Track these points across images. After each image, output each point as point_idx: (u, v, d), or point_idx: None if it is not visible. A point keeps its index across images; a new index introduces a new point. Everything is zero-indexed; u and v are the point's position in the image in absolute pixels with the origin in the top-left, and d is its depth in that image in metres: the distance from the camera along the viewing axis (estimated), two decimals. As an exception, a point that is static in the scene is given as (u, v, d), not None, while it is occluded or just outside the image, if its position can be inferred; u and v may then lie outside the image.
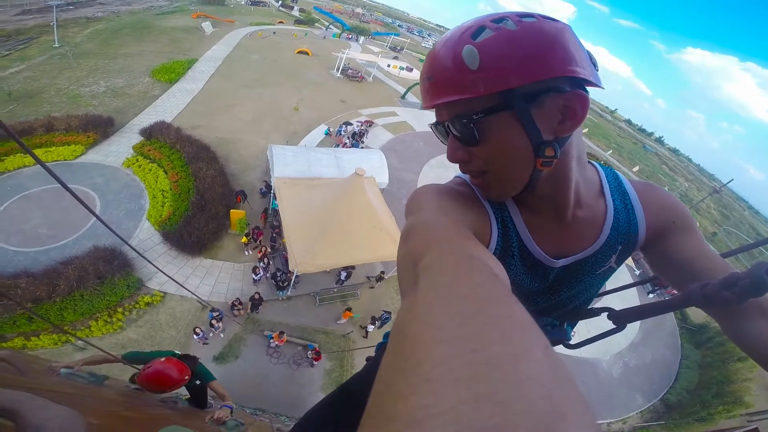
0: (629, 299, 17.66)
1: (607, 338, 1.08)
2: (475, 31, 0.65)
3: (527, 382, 0.21)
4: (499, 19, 0.65)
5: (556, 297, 0.96)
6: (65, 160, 13.61)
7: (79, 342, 8.83)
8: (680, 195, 55.80)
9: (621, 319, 0.93)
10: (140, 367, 2.82)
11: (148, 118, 17.54)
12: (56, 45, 24.83)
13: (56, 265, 9.66)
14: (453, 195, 0.78)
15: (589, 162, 0.86)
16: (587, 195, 0.83)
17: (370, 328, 11.58)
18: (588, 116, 0.71)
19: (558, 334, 1.06)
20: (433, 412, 0.19)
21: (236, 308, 10.48)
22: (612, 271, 0.94)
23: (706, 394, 15.48)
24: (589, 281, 0.94)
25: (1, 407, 0.94)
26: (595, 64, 0.70)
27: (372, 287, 12.99)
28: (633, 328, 16.93)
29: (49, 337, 8.84)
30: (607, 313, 0.98)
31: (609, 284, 1.04)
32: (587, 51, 0.70)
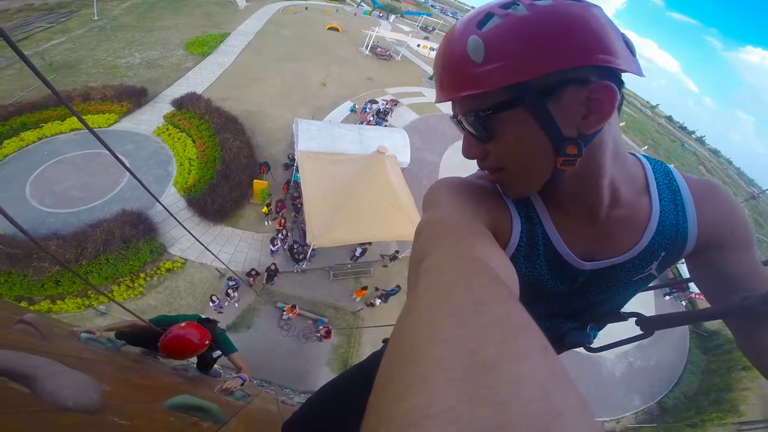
0: (645, 299, 17.00)
1: (615, 337, 1.06)
2: (482, 18, 0.58)
3: (525, 382, 0.20)
4: (509, 3, 0.58)
5: (584, 300, 0.87)
6: (99, 127, 13.94)
7: (101, 307, 9.20)
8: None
9: (650, 325, 0.90)
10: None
11: (179, 89, 17.78)
12: (95, 18, 25.27)
13: (85, 227, 9.98)
14: (471, 188, 0.73)
15: (631, 154, 0.77)
16: (627, 193, 0.72)
17: (377, 302, 11.62)
18: (625, 109, 0.48)
19: (580, 337, 0.97)
20: (430, 412, 0.19)
21: (251, 277, 10.63)
22: (652, 278, 0.84)
23: (704, 401, 15.33)
24: (623, 287, 0.84)
25: (19, 372, 0.93)
26: (632, 50, 0.61)
27: (385, 266, 12.91)
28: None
29: (74, 301, 9.15)
30: (635, 319, 0.94)
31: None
32: (622, 34, 0.60)
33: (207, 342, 2.69)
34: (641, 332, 0.93)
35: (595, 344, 1.03)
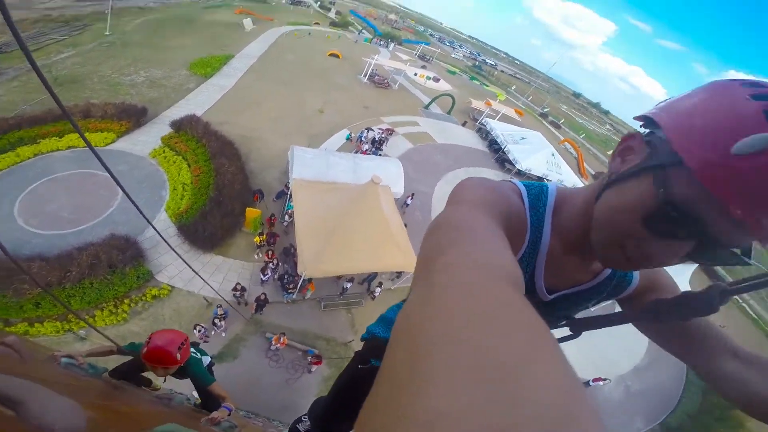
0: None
1: (610, 360, 1.18)
2: None
3: (542, 386, 0.21)
4: None
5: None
6: (95, 146, 13.59)
7: (81, 332, 8.77)
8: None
9: (578, 326, 1.01)
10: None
11: (179, 110, 17.60)
12: (107, 33, 25.44)
13: (71, 250, 9.61)
14: (500, 198, 0.74)
15: None
16: None
17: (377, 291, 12.29)
18: (614, 137, 0.42)
19: None
20: (447, 411, 0.19)
21: (237, 292, 10.32)
22: (586, 309, 1.02)
23: (708, 418, 15.24)
24: (564, 312, 1.00)
25: (5, 395, 0.92)
26: None
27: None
28: (638, 353, 16.76)
29: (52, 325, 8.75)
30: (566, 321, 1.05)
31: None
32: None
33: (184, 341, 2.64)
34: (571, 333, 1.04)
35: None
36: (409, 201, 16.59)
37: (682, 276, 18.57)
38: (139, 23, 29.83)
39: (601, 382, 13.86)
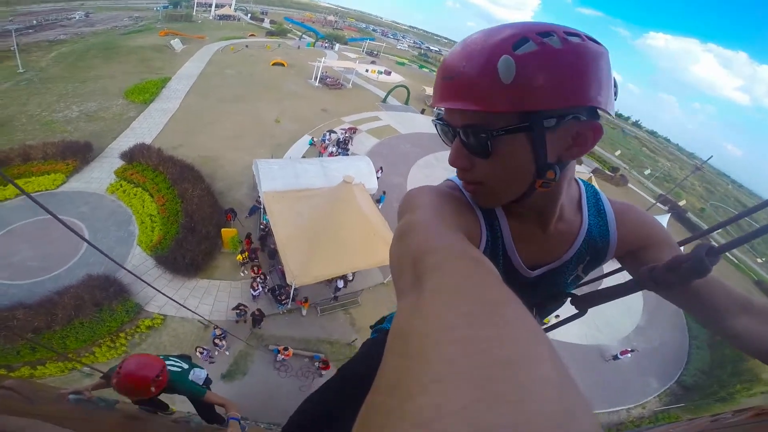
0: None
1: (612, 324, 1.56)
2: (518, 41, 0.60)
3: (539, 383, 0.22)
4: (546, 32, 0.62)
5: (530, 299, 1.02)
6: (47, 190, 13.71)
7: (86, 368, 9.11)
8: (663, 175, 58.63)
9: (582, 303, 1.02)
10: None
11: (126, 141, 17.72)
12: (20, 70, 24.84)
13: (51, 295, 9.97)
14: (446, 197, 0.79)
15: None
16: (568, 210, 0.89)
17: (340, 283, 12.45)
18: None
19: None
20: (444, 411, 0.19)
21: (240, 310, 10.85)
22: (580, 278, 1.04)
23: (722, 374, 15.85)
24: (560, 286, 1.03)
25: None
26: (616, 92, 0.70)
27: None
28: (636, 311, 17.78)
29: (55, 365, 9.14)
30: (570, 299, 1.07)
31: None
32: (614, 77, 0.70)
33: (160, 373, 2.48)
34: (576, 311, 1.04)
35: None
36: (379, 174, 17.55)
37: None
38: (54, 57, 29.18)
39: (629, 354, 14.61)
